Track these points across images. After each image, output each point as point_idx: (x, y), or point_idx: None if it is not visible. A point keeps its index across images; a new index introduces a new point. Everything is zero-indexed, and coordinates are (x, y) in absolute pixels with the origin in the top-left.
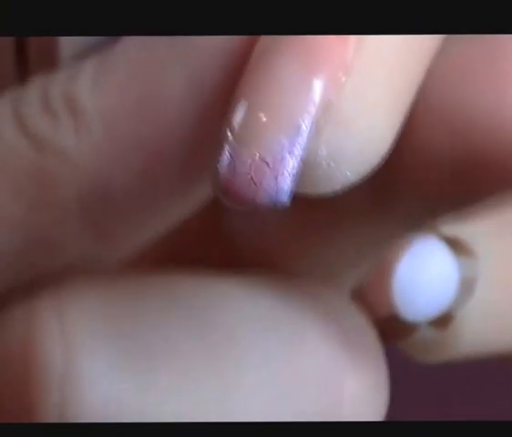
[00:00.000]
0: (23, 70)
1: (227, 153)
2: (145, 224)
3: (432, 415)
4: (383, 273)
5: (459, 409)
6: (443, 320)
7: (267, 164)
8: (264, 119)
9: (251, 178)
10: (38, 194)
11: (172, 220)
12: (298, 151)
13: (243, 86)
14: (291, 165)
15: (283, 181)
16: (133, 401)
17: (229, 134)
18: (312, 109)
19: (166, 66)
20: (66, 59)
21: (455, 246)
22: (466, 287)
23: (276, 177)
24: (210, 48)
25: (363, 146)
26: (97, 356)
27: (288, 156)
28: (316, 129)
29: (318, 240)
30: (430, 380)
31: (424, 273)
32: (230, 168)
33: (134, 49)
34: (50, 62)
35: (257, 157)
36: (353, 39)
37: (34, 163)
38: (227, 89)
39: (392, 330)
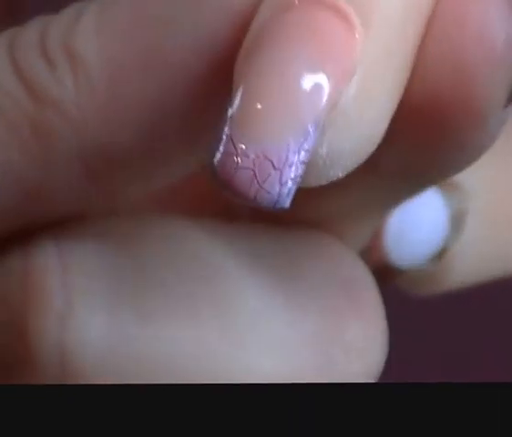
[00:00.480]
0: None
1: (228, 141)
2: (145, 179)
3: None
4: (378, 229)
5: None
6: (437, 254)
7: (272, 164)
8: (271, 114)
9: (254, 176)
10: (34, 141)
11: (175, 176)
12: (304, 156)
13: (244, 68)
14: (295, 171)
15: (287, 187)
16: (132, 331)
17: (231, 123)
18: (322, 111)
19: (172, 16)
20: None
21: (442, 182)
22: (457, 221)
23: (280, 181)
24: (219, 2)
25: (360, 145)
26: (95, 290)
27: (295, 160)
28: (321, 130)
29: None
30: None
31: (413, 216)
32: (231, 161)
33: None
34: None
35: (261, 154)
36: (361, 34)
37: (30, 111)
38: (235, 46)
39: (388, 276)
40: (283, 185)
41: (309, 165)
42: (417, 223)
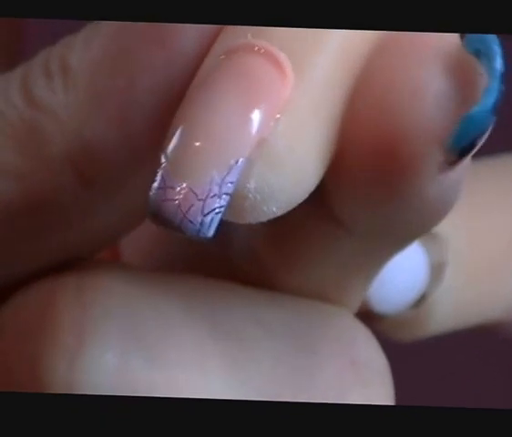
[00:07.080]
0: None
1: (160, 177)
2: (128, 175)
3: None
4: None
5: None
6: (416, 301)
7: (195, 195)
8: (198, 150)
9: (179, 206)
10: (33, 149)
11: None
12: (228, 189)
13: (182, 112)
14: (219, 202)
15: (210, 217)
16: (140, 375)
17: (163, 159)
18: (247, 147)
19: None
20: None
21: None
22: (437, 271)
23: (203, 211)
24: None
25: (292, 183)
26: (108, 331)
27: (218, 192)
28: (247, 164)
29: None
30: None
31: (394, 263)
32: (161, 193)
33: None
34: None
35: (186, 186)
36: (291, 77)
37: (31, 121)
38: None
39: (368, 321)
40: (206, 215)
41: (240, 199)
42: (398, 271)
